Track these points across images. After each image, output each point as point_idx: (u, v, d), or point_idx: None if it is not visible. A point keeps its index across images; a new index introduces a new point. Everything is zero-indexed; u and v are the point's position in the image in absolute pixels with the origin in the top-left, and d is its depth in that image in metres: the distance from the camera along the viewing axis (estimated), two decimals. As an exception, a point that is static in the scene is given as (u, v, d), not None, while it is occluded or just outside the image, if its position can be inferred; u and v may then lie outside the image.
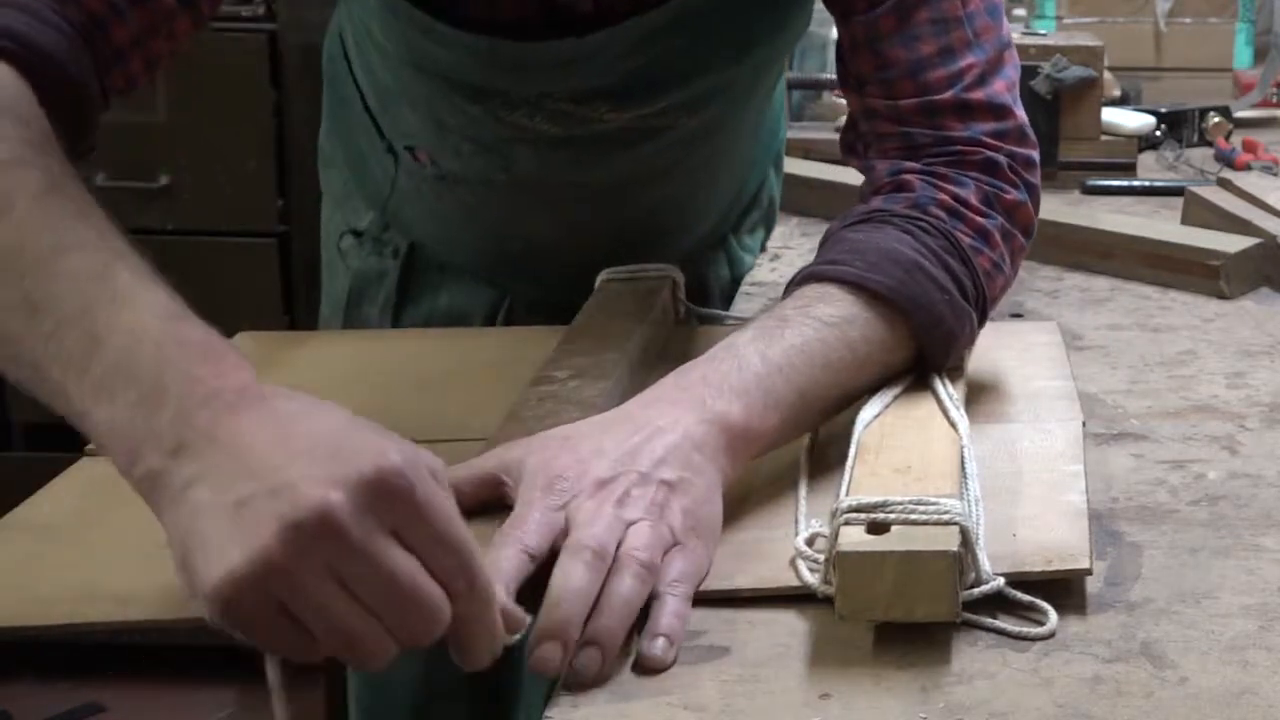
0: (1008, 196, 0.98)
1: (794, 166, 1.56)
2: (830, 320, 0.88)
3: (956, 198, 0.96)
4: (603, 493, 0.74)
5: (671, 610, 0.72)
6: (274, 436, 0.62)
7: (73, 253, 0.71)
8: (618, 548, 0.72)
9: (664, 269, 1.17)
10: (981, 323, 0.97)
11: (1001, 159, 0.98)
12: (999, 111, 0.99)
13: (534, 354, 1.02)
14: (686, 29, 1.10)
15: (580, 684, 0.69)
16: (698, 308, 1.20)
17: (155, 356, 0.66)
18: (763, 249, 1.42)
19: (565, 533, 0.73)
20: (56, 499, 0.90)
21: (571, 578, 0.70)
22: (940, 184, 0.97)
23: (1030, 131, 1.02)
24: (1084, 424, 0.94)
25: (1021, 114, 1.01)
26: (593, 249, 1.23)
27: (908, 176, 0.98)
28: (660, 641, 0.70)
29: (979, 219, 0.96)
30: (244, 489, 0.61)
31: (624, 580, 0.71)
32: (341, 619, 0.61)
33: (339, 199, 1.39)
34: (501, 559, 0.71)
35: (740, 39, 1.14)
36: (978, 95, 0.99)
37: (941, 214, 0.95)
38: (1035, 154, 1.01)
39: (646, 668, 0.70)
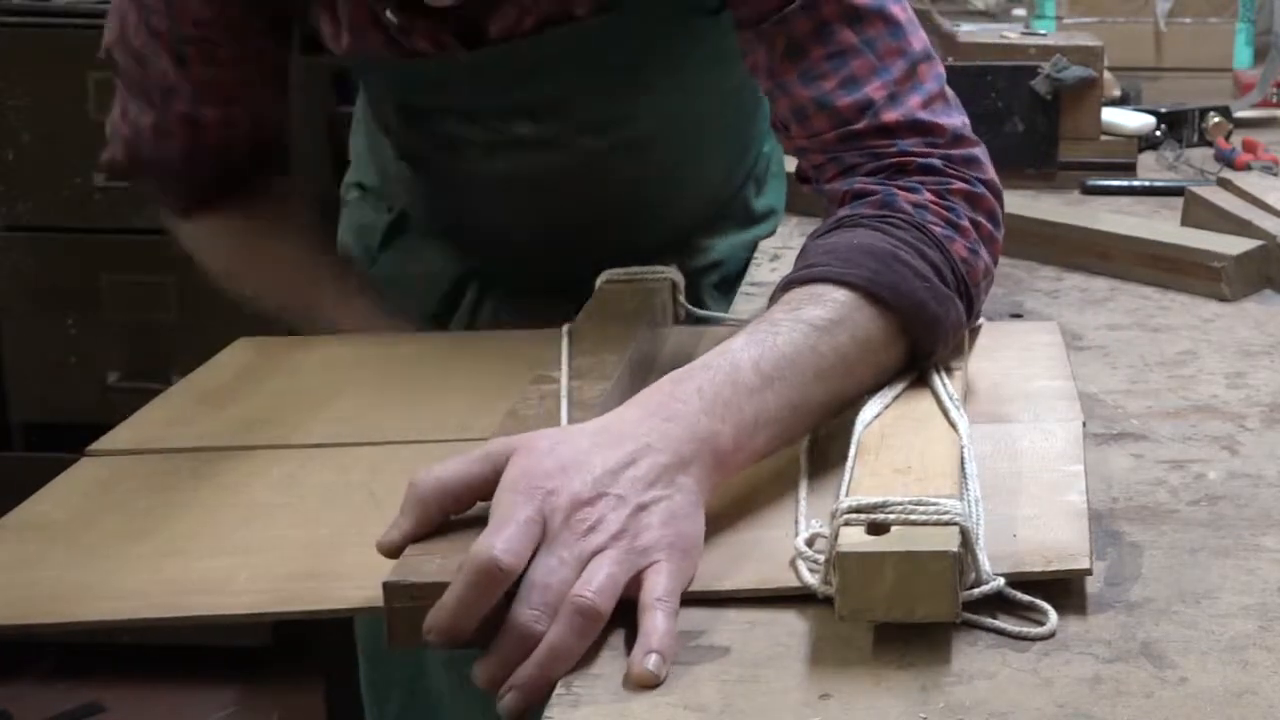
0: (956, 187, 0.99)
1: (795, 165, 1.56)
2: (820, 324, 0.88)
3: (914, 197, 0.98)
4: (574, 519, 0.74)
5: (662, 628, 0.71)
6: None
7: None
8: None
9: (663, 271, 1.17)
10: (970, 309, 0.97)
11: (935, 162, 1.00)
12: (919, 127, 1.01)
13: (534, 354, 1.03)
14: (568, 62, 1.14)
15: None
16: (696, 309, 1.20)
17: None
18: (751, 250, 1.42)
19: (540, 542, 0.73)
20: (56, 499, 0.90)
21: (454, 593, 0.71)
22: (895, 187, 0.98)
23: (966, 132, 1.03)
24: (1084, 424, 0.94)
25: (950, 120, 1.02)
26: (549, 240, 1.28)
27: (863, 185, 1.00)
28: (654, 658, 0.70)
29: (943, 211, 0.98)
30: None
31: (559, 629, 0.71)
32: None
33: (358, 156, 1.46)
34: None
35: (629, 79, 1.18)
36: (892, 117, 1.01)
37: (908, 208, 0.97)
38: (975, 150, 1.03)
39: (638, 683, 0.69)
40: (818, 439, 0.91)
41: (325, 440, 0.98)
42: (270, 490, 0.91)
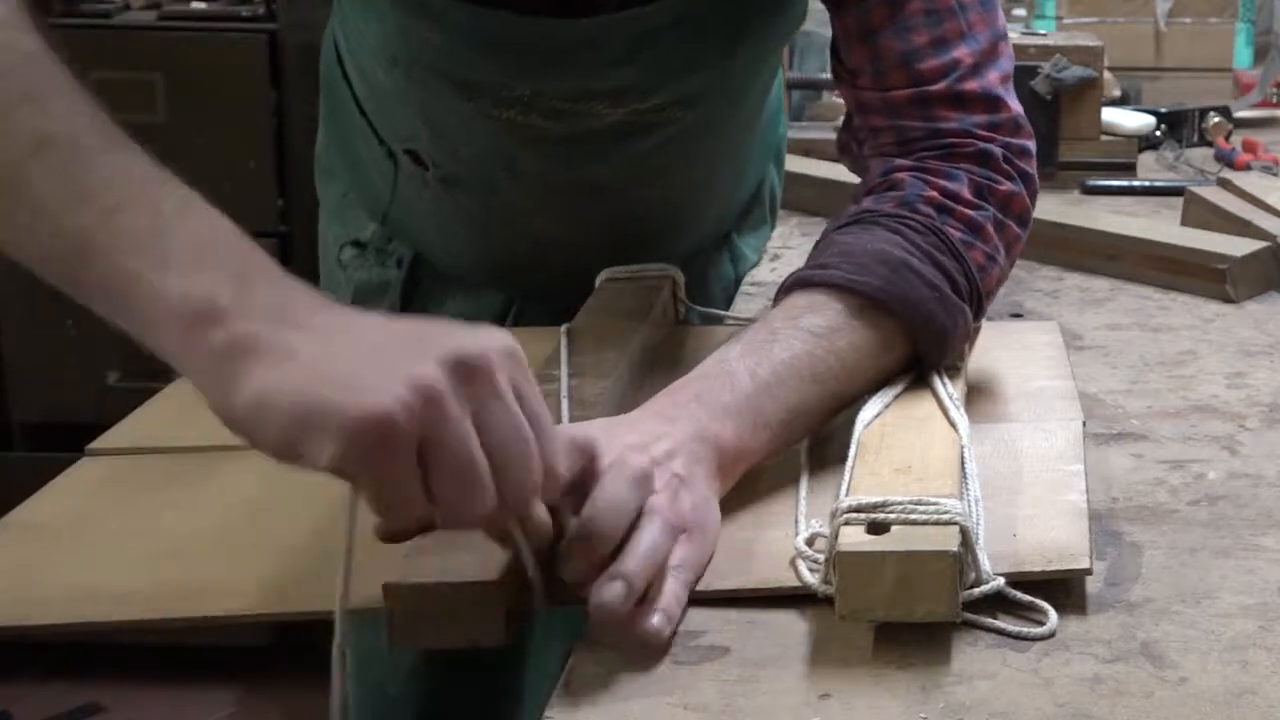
0: (1001, 188, 0.98)
1: (795, 165, 1.56)
2: (818, 331, 0.88)
3: (946, 192, 0.96)
4: (637, 450, 0.75)
5: (672, 591, 0.72)
6: (382, 321, 0.67)
7: (117, 152, 0.71)
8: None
9: (664, 268, 1.17)
10: (978, 317, 0.97)
11: (995, 149, 0.98)
12: (992, 103, 0.99)
13: (534, 352, 1.02)
14: (681, 26, 1.09)
15: (602, 621, 0.70)
16: (697, 307, 1.20)
17: (241, 244, 0.68)
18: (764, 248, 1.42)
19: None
20: (57, 499, 0.90)
21: (615, 493, 0.72)
22: (930, 178, 0.97)
23: (1025, 122, 1.02)
24: (1084, 424, 0.94)
25: (1015, 105, 1.01)
26: (596, 249, 1.23)
27: (898, 175, 0.98)
28: (659, 615, 0.71)
29: (970, 211, 0.96)
30: (381, 339, 0.65)
31: (652, 530, 0.72)
32: (470, 459, 0.64)
33: (338, 210, 1.38)
34: None
35: (733, 34, 1.14)
36: (971, 86, 0.99)
37: (930, 210, 0.95)
38: (1030, 143, 1.02)
39: (641, 639, 0.70)
40: (817, 439, 0.91)
41: None
42: (269, 491, 0.90)
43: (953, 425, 0.86)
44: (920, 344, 0.92)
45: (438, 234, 1.31)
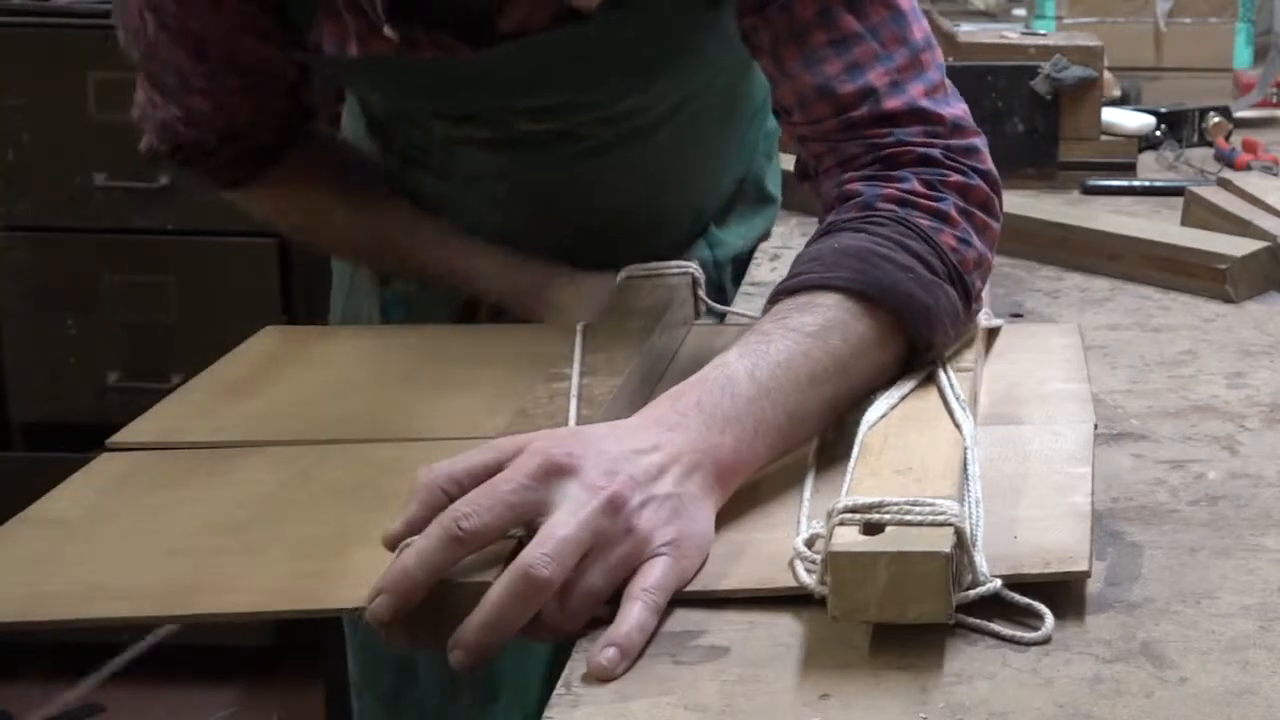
0: (951, 179, 0.99)
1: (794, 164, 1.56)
2: (810, 330, 0.88)
3: (902, 189, 0.97)
4: (588, 492, 0.74)
5: (634, 621, 0.71)
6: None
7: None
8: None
9: (684, 266, 1.17)
10: (966, 298, 0.97)
11: (935, 152, 1.00)
12: (920, 116, 1.01)
13: (552, 350, 1.03)
14: (582, 59, 1.12)
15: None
16: (717, 305, 1.20)
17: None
18: (764, 237, 1.42)
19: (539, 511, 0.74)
20: (74, 495, 0.90)
21: (495, 590, 0.71)
22: (883, 183, 0.98)
23: (967, 122, 1.03)
24: (1095, 426, 0.94)
25: (951, 109, 1.02)
26: (562, 245, 1.26)
27: (851, 186, 0.99)
28: (610, 651, 0.70)
29: (931, 203, 0.97)
30: None
31: (499, 593, 0.71)
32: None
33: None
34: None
35: (645, 68, 1.16)
36: (893, 105, 1.00)
37: (891, 206, 0.96)
38: (975, 140, 1.03)
39: (592, 674, 0.69)
40: (826, 439, 0.90)
41: (339, 436, 0.98)
42: (282, 488, 0.91)
43: (958, 426, 0.86)
44: (908, 328, 0.91)
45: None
